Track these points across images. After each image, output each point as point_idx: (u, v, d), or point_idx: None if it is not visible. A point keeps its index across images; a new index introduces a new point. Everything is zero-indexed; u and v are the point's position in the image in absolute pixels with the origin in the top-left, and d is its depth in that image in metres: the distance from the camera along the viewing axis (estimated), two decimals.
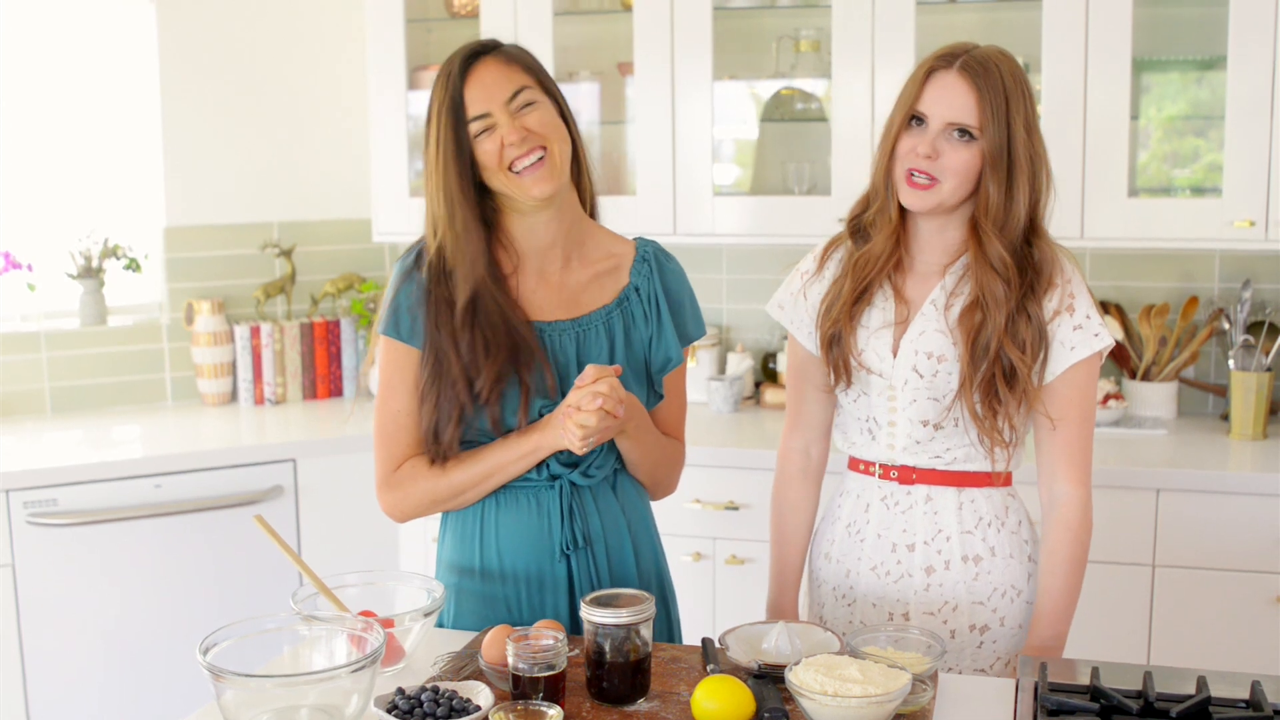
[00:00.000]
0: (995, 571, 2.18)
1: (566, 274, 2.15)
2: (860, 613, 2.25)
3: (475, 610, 2.16)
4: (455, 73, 2.03)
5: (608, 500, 2.15)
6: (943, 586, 2.18)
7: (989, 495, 2.19)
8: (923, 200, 2.10)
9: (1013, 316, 2.08)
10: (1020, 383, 2.08)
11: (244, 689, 1.62)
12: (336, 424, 3.85)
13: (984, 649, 2.19)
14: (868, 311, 2.20)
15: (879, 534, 2.23)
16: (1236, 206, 3.29)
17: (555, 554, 2.10)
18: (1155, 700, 1.73)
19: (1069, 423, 2.12)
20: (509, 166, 2.02)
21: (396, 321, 2.11)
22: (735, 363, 3.95)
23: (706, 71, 3.61)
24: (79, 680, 3.37)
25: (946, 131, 2.07)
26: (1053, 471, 2.15)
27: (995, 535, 2.18)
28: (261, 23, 4.08)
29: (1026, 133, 2.08)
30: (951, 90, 2.06)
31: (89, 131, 4.01)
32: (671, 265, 2.22)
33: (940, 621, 2.18)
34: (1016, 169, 2.07)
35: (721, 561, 3.43)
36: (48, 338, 3.90)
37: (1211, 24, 3.38)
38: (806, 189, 3.76)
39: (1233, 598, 3.11)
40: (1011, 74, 2.07)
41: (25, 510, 3.28)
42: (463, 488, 2.11)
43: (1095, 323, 2.11)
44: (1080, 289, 2.13)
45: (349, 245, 4.26)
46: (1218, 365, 3.72)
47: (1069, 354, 2.10)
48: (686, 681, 1.87)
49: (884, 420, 2.21)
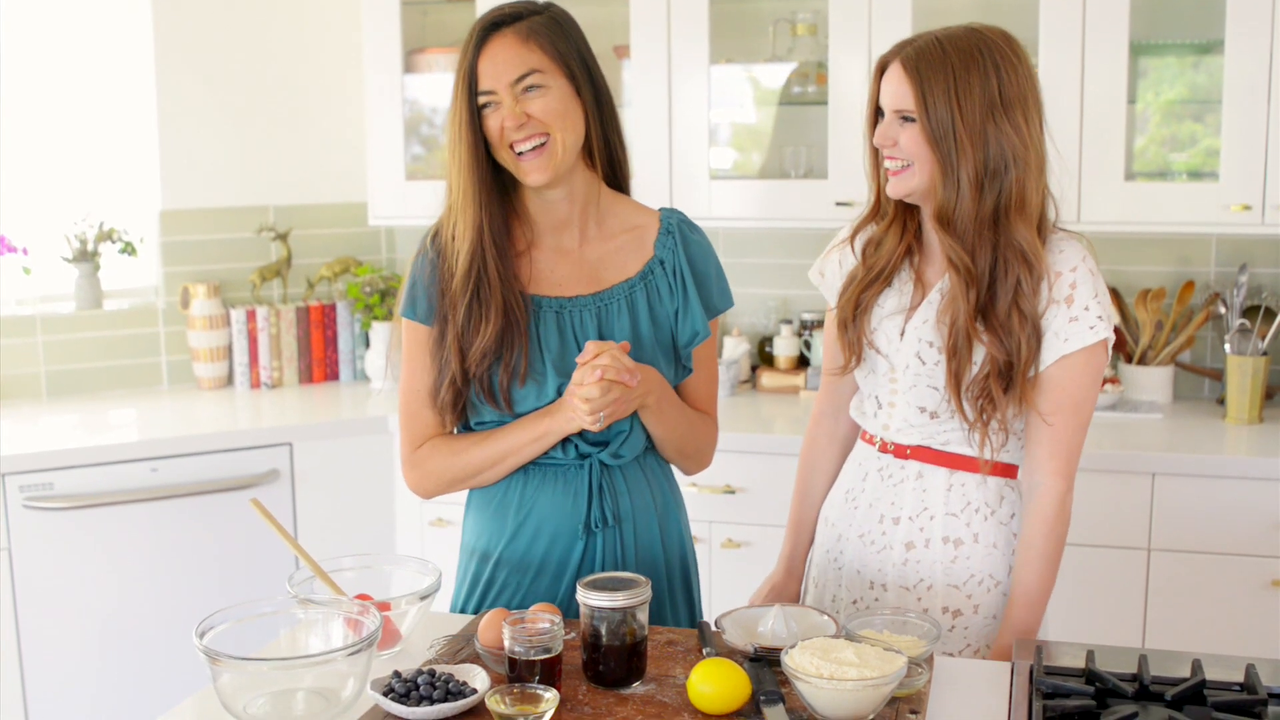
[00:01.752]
0: (975, 558, 2.17)
1: (585, 248, 2.14)
2: (845, 579, 2.27)
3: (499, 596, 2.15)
4: (472, 43, 2.02)
5: (638, 481, 2.14)
6: (920, 564, 2.18)
7: (982, 482, 2.17)
8: (896, 186, 2.11)
9: (984, 309, 2.06)
10: (1016, 379, 2.06)
11: (240, 672, 1.62)
12: (333, 408, 3.85)
13: (955, 633, 2.19)
14: (885, 292, 2.21)
15: (870, 504, 2.24)
16: (1233, 190, 3.29)
17: (579, 532, 2.09)
18: (1150, 683, 1.74)
19: (1058, 413, 2.08)
20: (510, 146, 2.02)
21: (413, 301, 2.12)
22: (731, 347, 3.95)
23: (703, 55, 3.61)
24: (76, 664, 3.37)
25: (895, 119, 2.09)
26: (1035, 461, 2.12)
27: (981, 523, 2.17)
28: (257, 5, 4.07)
29: (984, 112, 2.03)
30: (893, 80, 2.09)
31: (84, 115, 4.00)
32: (697, 236, 2.18)
33: (914, 598, 2.19)
34: (960, 149, 2.03)
35: (718, 545, 3.44)
36: (43, 321, 3.90)
37: (1209, 8, 3.37)
38: (804, 172, 3.76)
39: (1228, 582, 3.12)
40: (964, 52, 2.04)
41: (21, 494, 3.28)
42: (479, 468, 2.11)
43: (1093, 315, 2.05)
44: (1085, 280, 2.06)
45: (345, 229, 4.25)
46: (1214, 349, 3.73)
47: (1061, 345, 2.06)
48: (682, 664, 1.87)
49: (884, 400, 2.22)
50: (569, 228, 2.13)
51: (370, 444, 3.68)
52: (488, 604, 2.15)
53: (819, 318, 3.92)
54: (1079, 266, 2.07)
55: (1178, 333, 3.65)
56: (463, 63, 2.02)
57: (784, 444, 3.36)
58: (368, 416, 3.73)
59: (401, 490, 3.70)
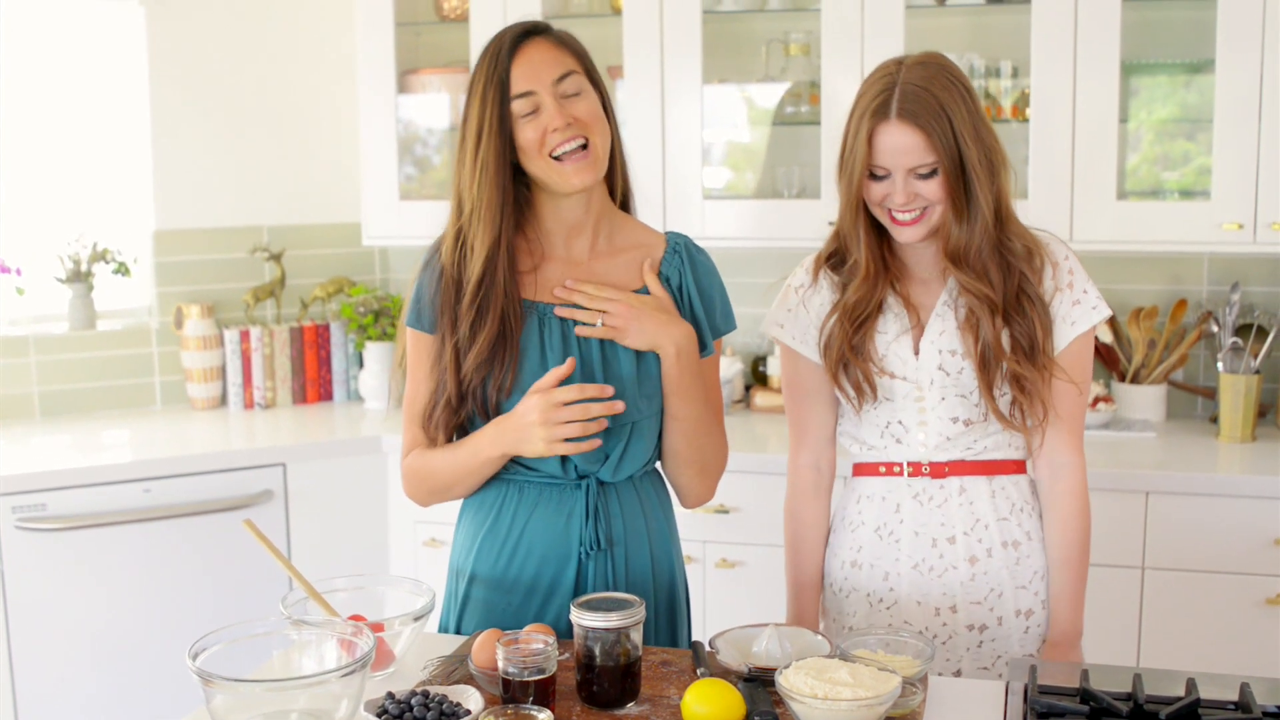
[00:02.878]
0: (1034, 555, 2.23)
1: (595, 261, 2.14)
2: (905, 613, 2.24)
3: (486, 617, 2.14)
4: (505, 49, 2.01)
5: (632, 504, 2.13)
6: (988, 574, 2.21)
7: (1016, 482, 2.24)
8: (918, 231, 2.14)
9: (1009, 315, 2.14)
10: (1039, 352, 2.14)
11: (234, 694, 1.62)
12: (326, 428, 3.85)
13: (1030, 634, 2.24)
14: (882, 320, 2.22)
15: (915, 532, 2.23)
16: (1225, 209, 3.30)
17: (574, 554, 2.09)
18: (1145, 703, 1.74)
19: (1070, 394, 2.19)
20: (550, 153, 2.01)
21: (418, 312, 2.12)
22: (725, 366, 3.95)
23: (696, 75, 3.62)
24: (68, 685, 3.36)
25: (910, 176, 2.10)
26: (1058, 442, 2.21)
27: (1029, 520, 2.24)
28: (251, 26, 4.08)
29: (973, 133, 2.09)
30: (899, 139, 2.08)
31: (78, 135, 4.00)
32: (703, 258, 2.19)
33: (987, 609, 2.21)
34: (973, 174, 2.09)
35: (712, 565, 3.43)
36: (36, 342, 3.89)
37: (1200, 27, 3.39)
38: (796, 192, 3.76)
39: (1222, 600, 3.12)
40: (943, 87, 2.08)
41: (14, 515, 3.27)
42: (447, 483, 2.12)
43: (1093, 295, 2.18)
44: (1075, 264, 2.20)
45: (339, 249, 4.26)
46: (1206, 368, 3.73)
47: (1070, 329, 2.17)
48: (677, 685, 1.86)
49: (913, 423, 2.22)
50: (583, 235, 2.13)
51: (364, 464, 3.67)
52: (475, 625, 2.15)
53: None
54: (1069, 255, 2.21)
55: (1170, 351, 3.66)
56: (492, 71, 2.01)
57: (778, 463, 3.35)
58: (361, 437, 3.72)
59: (395, 511, 3.69)
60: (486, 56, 2.03)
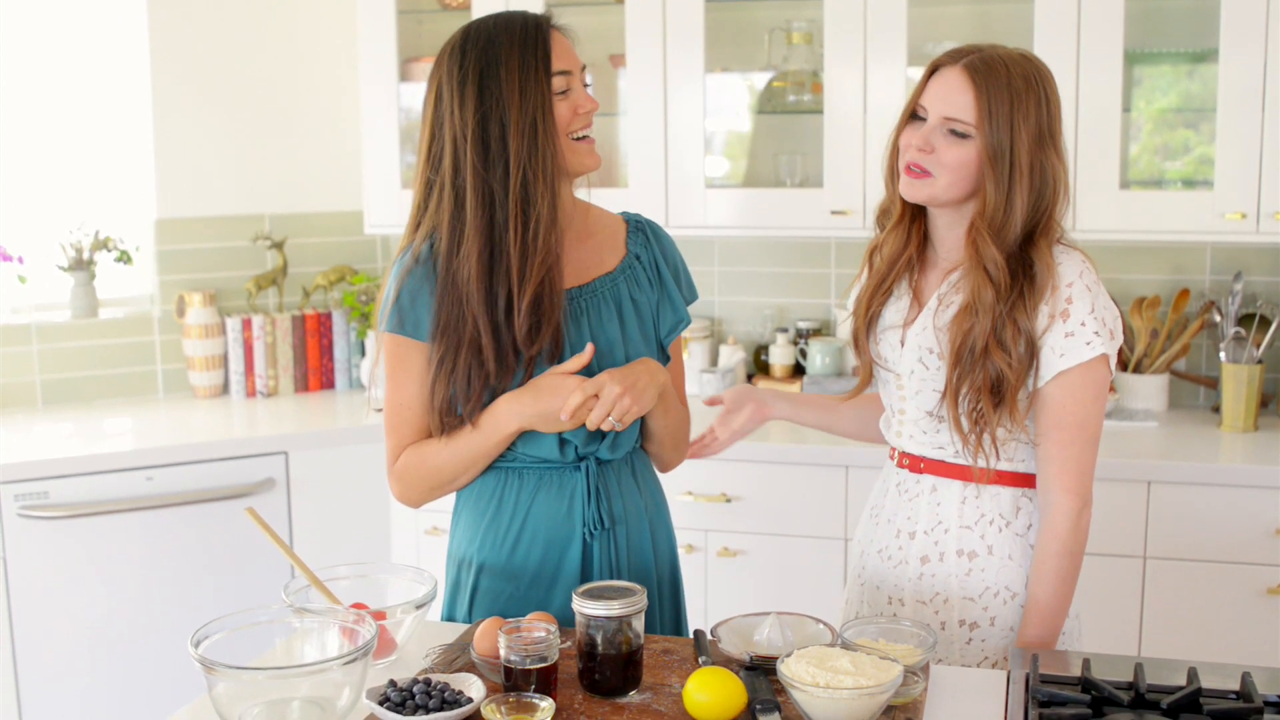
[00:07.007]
0: (990, 570, 2.15)
1: (570, 243, 2.15)
2: (867, 594, 2.28)
3: (492, 606, 2.14)
4: (535, 28, 2.04)
5: (628, 481, 2.17)
6: (935, 578, 2.18)
7: (997, 494, 2.15)
8: (914, 190, 2.10)
9: (1001, 321, 2.04)
10: (1006, 396, 2.05)
11: (236, 681, 1.62)
12: (328, 416, 3.85)
13: (972, 645, 2.18)
14: (887, 304, 2.24)
15: (889, 519, 2.26)
16: (1228, 199, 3.29)
17: (578, 536, 2.10)
18: (1146, 692, 1.74)
19: (1062, 429, 2.07)
20: (572, 133, 2.06)
21: (400, 318, 2.07)
22: (727, 355, 3.95)
23: (698, 63, 3.61)
24: (71, 673, 3.37)
25: (942, 127, 2.07)
26: (1046, 478, 2.10)
27: (996, 535, 2.15)
28: (253, 14, 4.07)
29: (1035, 140, 2.04)
30: (950, 86, 2.06)
31: (80, 123, 4.00)
32: (663, 233, 2.27)
33: (932, 612, 2.19)
34: (1017, 173, 2.04)
35: (714, 553, 3.44)
36: (39, 330, 3.89)
37: (1203, 16, 3.38)
38: (799, 181, 3.76)
39: (1223, 589, 3.12)
40: (1024, 77, 2.05)
41: (16, 503, 3.27)
42: (453, 474, 2.11)
43: (1089, 331, 2.04)
44: (1080, 295, 2.05)
45: (341, 237, 4.25)
46: (1209, 357, 3.73)
47: (1057, 361, 2.05)
48: (678, 673, 1.87)
49: (896, 409, 2.25)
50: (570, 221, 2.15)
51: (366, 453, 3.67)
52: (479, 613, 2.15)
53: (815, 326, 3.93)
54: (1075, 282, 2.06)
55: (1173, 341, 3.66)
56: (527, 43, 2.01)
57: (780, 452, 3.36)
58: (363, 425, 3.73)
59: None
60: (514, 31, 2.02)
